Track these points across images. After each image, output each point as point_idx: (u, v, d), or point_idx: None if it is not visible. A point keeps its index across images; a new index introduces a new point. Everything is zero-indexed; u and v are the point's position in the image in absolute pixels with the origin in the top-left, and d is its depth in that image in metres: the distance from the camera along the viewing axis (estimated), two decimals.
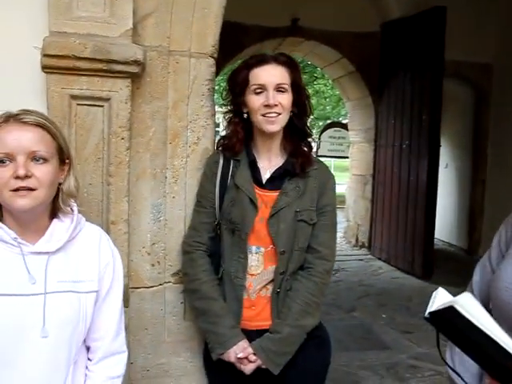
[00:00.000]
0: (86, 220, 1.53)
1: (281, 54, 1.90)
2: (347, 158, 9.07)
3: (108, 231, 1.78)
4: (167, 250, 1.96)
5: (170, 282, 1.98)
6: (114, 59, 1.70)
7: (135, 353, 1.93)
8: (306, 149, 1.93)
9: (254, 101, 1.80)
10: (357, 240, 7.81)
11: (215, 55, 1.97)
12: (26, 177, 1.31)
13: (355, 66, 7.21)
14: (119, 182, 1.80)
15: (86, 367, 1.49)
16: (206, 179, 1.92)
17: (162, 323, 1.97)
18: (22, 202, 1.32)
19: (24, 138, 1.33)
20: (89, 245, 1.48)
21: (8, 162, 1.31)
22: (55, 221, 1.43)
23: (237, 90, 1.85)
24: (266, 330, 1.81)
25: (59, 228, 1.43)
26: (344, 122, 11.04)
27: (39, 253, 1.38)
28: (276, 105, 1.78)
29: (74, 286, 1.40)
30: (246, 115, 1.86)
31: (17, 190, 1.31)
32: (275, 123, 1.80)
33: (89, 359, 1.50)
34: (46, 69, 1.69)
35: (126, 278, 1.85)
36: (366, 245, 7.56)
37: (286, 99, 1.81)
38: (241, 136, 1.88)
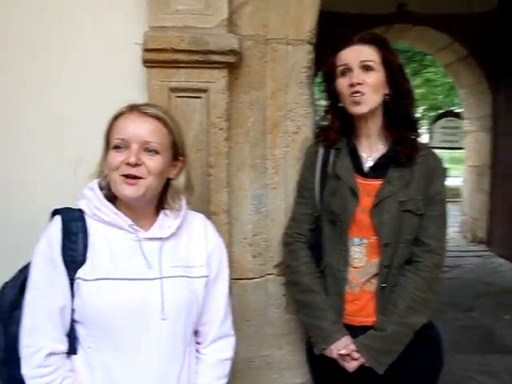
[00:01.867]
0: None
1: (367, 33, 1.81)
2: (462, 148, 8.55)
3: None
4: (269, 241, 1.93)
5: (272, 273, 1.95)
6: (211, 50, 1.70)
7: (238, 344, 1.89)
8: (412, 137, 1.81)
9: (341, 83, 1.74)
10: (473, 235, 7.33)
11: (313, 41, 1.91)
12: (136, 165, 1.36)
13: (468, 50, 6.76)
14: (219, 172, 1.81)
15: (197, 350, 1.53)
16: (305, 169, 1.87)
17: (265, 315, 1.95)
18: (129, 190, 1.37)
19: (141, 128, 1.38)
20: (195, 232, 1.52)
21: (123, 148, 1.37)
22: (162, 214, 1.47)
23: (327, 77, 1.79)
24: (370, 327, 1.73)
25: (169, 215, 1.47)
26: (457, 111, 10.42)
27: (153, 239, 1.43)
28: (360, 83, 1.69)
29: (186, 271, 1.45)
30: (340, 104, 1.79)
31: (126, 176, 1.36)
32: (361, 103, 1.71)
33: (198, 343, 1.54)
34: (147, 63, 1.73)
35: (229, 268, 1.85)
36: (485, 240, 7.07)
37: (372, 77, 1.71)
38: (336, 126, 1.81)
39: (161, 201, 1.48)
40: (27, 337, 1.35)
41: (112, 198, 1.43)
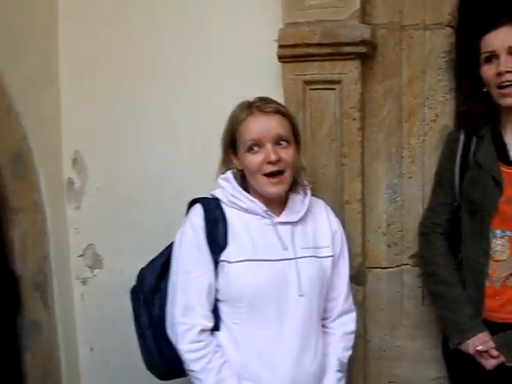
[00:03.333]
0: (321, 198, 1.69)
1: None
2: None
3: (342, 210, 1.84)
4: (404, 231, 1.92)
5: (407, 264, 1.93)
6: (342, 42, 1.74)
7: (372, 332, 1.94)
8: None
9: (486, 70, 1.63)
10: None
11: (453, 24, 1.83)
12: (276, 161, 1.46)
13: None
14: (352, 162, 1.83)
15: (323, 325, 1.61)
16: (444, 158, 1.81)
17: (399, 306, 1.94)
18: (275, 189, 1.49)
19: (269, 126, 1.48)
20: (319, 215, 1.61)
21: (256, 149, 1.48)
22: (292, 194, 1.57)
23: (470, 62, 1.69)
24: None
25: (296, 200, 1.57)
26: None
27: (284, 223, 1.53)
28: (509, 71, 1.56)
29: (315, 251, 1.54)
30: (485, 89, 1.69)
31: (269, 174, 1.47)
32: (511, 95, 1.59)
33: (324, 318, 1.62)
34: (282, 58, 1.82)
35: (361, 256, 1.88)
36: None
37: None
38: (479, 111, 1.71)
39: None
40: (181, 316, 1.48)
41: (244, 187, 1.55)
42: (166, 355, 1.58)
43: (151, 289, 1.63)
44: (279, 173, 1.47)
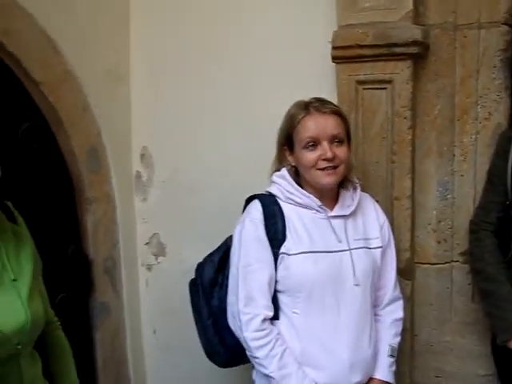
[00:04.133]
0: (371, 194, 1.78)
1: None
2: None
3: (391, 206, 1.90)
4: (454, 228, 1.94)
5: (457, 261, 1.95)
6: (394, 43, 1.79)
7: (420, 326, 1.98)
8: None
9: None
10: None
11: (509, 22, 1.83)
12: (332, 158, 1.56)
13: None
14: (402, 159, 1.88)
15: (375, 312, 1.70)
16: (497, 156, 1.82)
17: (448, 301, 1.96)
18: (329, 179, 1.58)
19: (326, 125, 1.58)
20: (367, 208, 1.70)
21: (313, 146, 1.57)
22: (342, 190, 1.67)
23: None
24: None
25: (346, 195, 1.66)
26: None
27: (337, 216, 1.63)
28: None
29: (365, 243, 1.64)
30: None
31: (323, 169, 1.57)
32: None
33: (374, 306, 1.69)
34: (335, 59, 1.89)
35: (409, 251, 1.92)
36: None
37: None
38: None
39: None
40: (244, 306, 1.57)
41: (296, 183, 1.65)
42: (228, 344, 1.71)
43: (210, 282, 1.76)
44: (334, 168, 1.57)
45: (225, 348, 1.74)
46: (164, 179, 2.45)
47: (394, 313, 1.72)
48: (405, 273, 1.91)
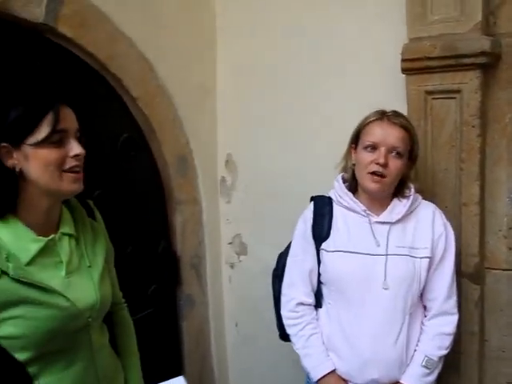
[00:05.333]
0: (437, 201, 1.87)
1: None
2: None
3: (460, 212, 1.95)
4: None
5: None
6: (462, 54, 1.84)
7: (490, 332, 2.00)
8: None
9: None
10: None
11: None
12: (383, 165, 1.67)
13: None
14: (471, 167, 1.92)
15: (422, 322, 1.74)
16: None
17: None
18: (374, 185, 1.70)
19: (390, 135, 1.69)
20: (423, 219, 1.75)
21: (372, 150, 1.70)
22: (395, 199, 1.75)
23: None
24: None
25: (398, 205, 1.74)
26: None
27: (382, 222, 1.73)
28: None
29: (410, 251, 1.70)
30: None
31: (373, 173, 1.68)
32: None
33: (425, 316, 1.75)
34: (405, 71, 1.98)
35: (478, 257, 1.95)
36: None
37: None
38: None
39: (396, 190, 1.76)
40: (285, 289, 1.85)
41: (353, 187, 1.78)
42: None
43: (283, 267, 1.93)
44: (382, 176, 1.66)
45: None
46: (246, 183, 2.64)
47: (440, 326, 1.72)
48: (473, 277, 1.95)
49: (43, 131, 1.23)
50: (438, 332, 1.72)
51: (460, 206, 1.95)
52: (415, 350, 1.70)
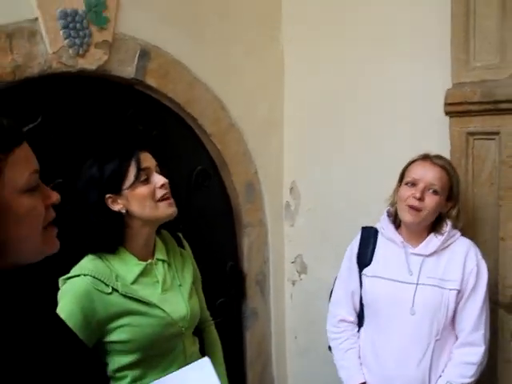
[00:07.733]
0: (477, 235, 2.04)
1: None
2: None
3: (497, 246, 2.08)
4: None
5: None
6: (499, 100, 2.00)
7: None
8: None
9: None
10: None
11: None
12: (419, 199, 1.85)
13: None
14: (508, 204, 2.06)
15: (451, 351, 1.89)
16: None
17: None
18: (409, 217, 1.87)
19: (429, 174, 1.88)
20: (457, 254, 1.90)
21: (412, 185, 1.88)
22: (432, 234, 1.93)
23: None
24: None
25: (433, 239, 1.92)
26: None
27: (417, 254, 1.91)
28: None
29: (440, 282, 1.86)
30: None
31: (410, 206, 1.86)
32: None
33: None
34: (448, 113, 2.16)
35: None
36: None
37: None
38: None
39: (433, 225, 1.93)
40: (331, 306, 2.10)
41: (398, 221, 1.98)
42: None
43: None
44: (417, 210, 1.84)
45: None
46: (309, 208, 2.89)
47: (465, 355, 1.82)
48: (510, 308, 2.07)
49: (132, 175, 1.55)
50: (462, 361, 1.83)
51: (498, 240, 2.08)
52: (440, 376, 1.84)
